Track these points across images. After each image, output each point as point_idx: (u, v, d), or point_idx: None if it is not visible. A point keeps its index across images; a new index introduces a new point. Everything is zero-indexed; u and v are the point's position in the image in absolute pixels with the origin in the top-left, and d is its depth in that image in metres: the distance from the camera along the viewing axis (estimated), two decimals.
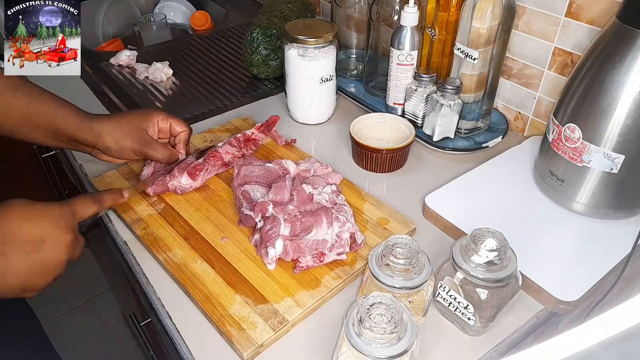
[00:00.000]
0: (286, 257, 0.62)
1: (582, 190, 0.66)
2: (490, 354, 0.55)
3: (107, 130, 0.69)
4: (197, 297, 0.59)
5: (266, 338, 0.54)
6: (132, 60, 1.13)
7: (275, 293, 0.59)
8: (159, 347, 0.84)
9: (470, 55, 0.76)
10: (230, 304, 0.58)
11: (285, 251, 0.62)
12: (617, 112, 0.58)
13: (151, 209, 0.71)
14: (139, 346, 1.17)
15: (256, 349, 0.54)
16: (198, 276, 0.61)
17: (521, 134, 0.89)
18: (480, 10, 0.72)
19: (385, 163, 0.79)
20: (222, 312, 0.57)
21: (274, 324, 0.56)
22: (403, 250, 0.52)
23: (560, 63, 0.79)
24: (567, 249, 0.66)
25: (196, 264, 0.63)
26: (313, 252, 0.62)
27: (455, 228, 0.67)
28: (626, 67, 0.57)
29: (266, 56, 1.01)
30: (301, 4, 1.12)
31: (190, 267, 0.62)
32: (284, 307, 0.57)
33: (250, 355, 0.54)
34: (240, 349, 0.53)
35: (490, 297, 0.53)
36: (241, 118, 0.92)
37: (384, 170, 0.80)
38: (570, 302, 0.57)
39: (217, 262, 0.63)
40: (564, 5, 0.74)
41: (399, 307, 0.45)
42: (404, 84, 0.85)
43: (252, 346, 0.53)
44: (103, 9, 1.42)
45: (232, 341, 0.54)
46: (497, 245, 0.52)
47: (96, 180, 0.77)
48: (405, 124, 0.82)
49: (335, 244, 0.63)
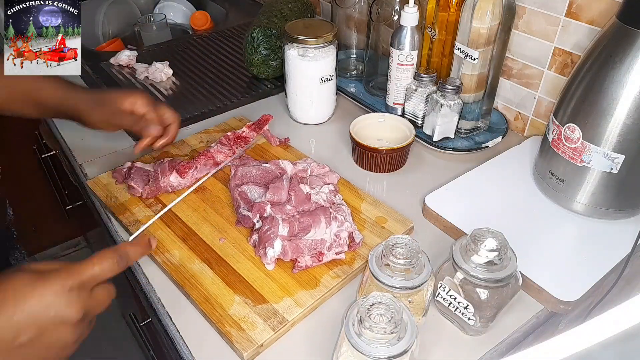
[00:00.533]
0: (285, 258, 0.62)
1: (582, 190, 0.66)
2: (490, 354, 0.55)
3: (87, 109, 0.71)
4: (197, 298, 0.59)
5: (266, 338, 0.54)
6: (132, 60, 1.13)
7: (275, 293, 0.59)
8: (159, 347, 0.84)
9: (470, 55, 0.76)
10: (229, 304, 0.58)
11: (284, 251, 0.62)
12: (617, 112, 0.58)
13: (148, 210, 0.71)
14: (139, 346, 1.17)
15: (256, 349, 0.54)
16: (197, 277, 0.61)
17: (521, 134, 0.89)
18: (480, 10, 0.72)
19: (385, 163, 0.79)
20: (221, 312, 0.57)
21: (274, 323, 0.56)
22: (403, 250, 0.52)
23: (560, 63, 0.79)
24: (567, 249, 0.66)
25: (194, 265, 0.63)
26: (312, 251, 0.62)
27: (455, 228, 0.67)
28: (626, 67, 0.57)
29: (266, 56, 1.01)
30: (301, 4, 1.12)
31: (189, 268, 0.62)
32: (283, 307, 0.58)
33: (251, 356, 0.54)
34: (240, 349, 0.53)
35: (490, 297, 0.53)
36: (236, 118, 0.92)
37: (384, 170, 0.80)
38: (570, 302, 0.57)
39: (215, 262, 0.63)
40: (564, 5, 0.74)
41: (399, 307, 0.45)
42: (404, 84, 0.85)
43: (252, 346, 0.53)
44: (103, 9, 1.42)
45: (232, 341, 0.54)
46: (497, 245, 0.52)
47: (91, 182, 0.77)
48: (405, 124, 0.82)
49: (334, 243, 0.63)
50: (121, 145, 0.86)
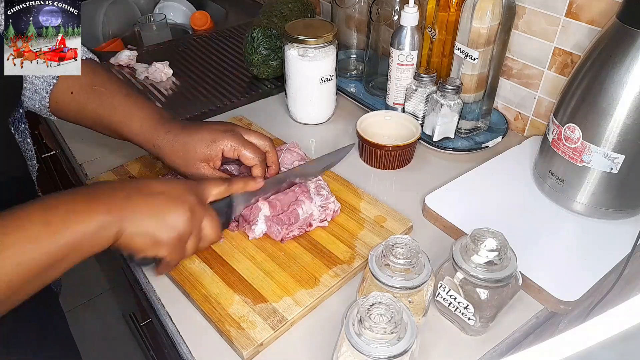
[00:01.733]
0: (277, 237, 0.65)
1: (582, 190, 0.66)
2: (490, 354, 0.55)
3: (166, 154, 0.63)
4: (196, 297, 0.59)
5: (265, 337, 0.54)
6: (132, 60, 1.13)
7: (274, 292, 0.59)
8: (159, 347, 0.84)
9: (470, 55, 0.76)
10: (229, 303, 0.58)
11: (269, 228, 0.65)
12: (617, 112, 0.58)
13: None
14: (139, 346, 1.17)
15: (256, 348, 0.54)
16: (196, 276, 0.61)
17: (521, 134, 0.89)
18: (480, 10, 0.72)
19: (392, 160, 0.80)
20: (221, 312, 0.57)
21: (273, 322, 0.56)
22: (403, 250, 0.52)
23: (560, 63, 0.79)
24: (567, 249, 0.66)
25: (194, 264, 0.63)
26: (301, 225, 0.66)
27: (455, 228, 0.67)
28: (626, 67, 0.57)
29: (266, 56, 1.01)
30: (301, 4, 1.12)
31: (188, 268, 0.62)
32: (283, 306, 0.58)
33: (250, 355, 0.54)
34: (240, 349, 0.53)
35: (490, 297, 0.53)
36: (236, 118, 0.92)
37: (391, 167, 0.82)
38: (570, 302, 0.57)
39: (215, 262, 0.63)
40: (564, 5, 0.74)
41: (399, 307, 0.45)
42: (404, 84, 0.85)
43: (252, 345, 0.54)
44: (103, 9, 1.42)
45: (232, 340, 0.54)
46: (497, 245, 0.52)
47: (90, 182, 0.77)
48: (411, 122, 0.83)
49: (320, 213, 0.67)
50: (121, 144, 0.86)
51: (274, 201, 0.66)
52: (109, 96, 0.64)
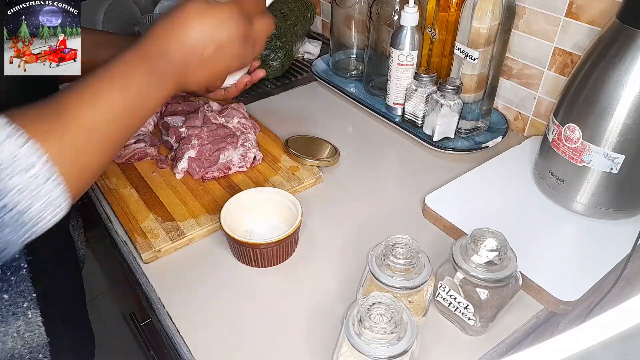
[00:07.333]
0: (195, 176, 0.75)
1: (582, 190, 0.66)
2: (490, 354, 0.55)
3: None
4: (118, 212, 0.71)
5: (163, 245, 0.66)
6: None
7: (182, 214, 0.70)
8: (159, 347, 0.84)
9: (470, 55, 0.76)
10: (142, 219, 0.70)
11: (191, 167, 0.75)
12: (617, 112, 0.58)
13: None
14: (139, 346, 1.17)
15: (154, 253, 0.65)
16: (124, 199, 0.73)
17: (521, 134, 0.89)
18: (480, 10, 0.72)
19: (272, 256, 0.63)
20: (134, 224, 0.69)
21: (174, 236, 0.67)
22: (403, 250, 0.52)
23: (560, 63, 0.79)
24: (567, 249, 0.66)
25: (125, 190, 0.75)
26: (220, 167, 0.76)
27: (455, 228, 0.67)
28: (626, 67, 0.57)
29: (266, 56, 1.01)
30: (301, 4, 1.12)
31: (120, 192, 0.75)
32: (186, 225, 0.69)
33: (149, 257, 0.65)
34: (140, 251, 0.65)
35: (490, 297, 0.53)
36: None
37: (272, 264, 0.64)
38: (570, 302, 0.57)
39: (143, 189, 0.75)
40: (564, 5, 0.74)
41: (399, 307, 0.45)
42: (404, 84, 0.85)
43: (150, 250, 0.65)
44: (103, 9, 1.41)
45: (136, 247, 0.65)
46: (497, 245, 0.52)
47: None
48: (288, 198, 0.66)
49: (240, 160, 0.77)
50: None
51: (203, 149, 0.77)
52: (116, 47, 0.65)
